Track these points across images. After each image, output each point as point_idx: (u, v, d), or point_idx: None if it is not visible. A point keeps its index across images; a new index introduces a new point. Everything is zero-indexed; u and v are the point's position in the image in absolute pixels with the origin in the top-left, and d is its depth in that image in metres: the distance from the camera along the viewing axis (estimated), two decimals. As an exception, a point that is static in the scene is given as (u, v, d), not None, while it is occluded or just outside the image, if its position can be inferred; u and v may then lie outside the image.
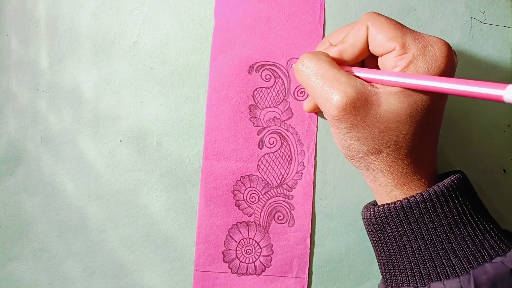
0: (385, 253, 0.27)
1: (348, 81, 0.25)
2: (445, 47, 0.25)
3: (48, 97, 0.34)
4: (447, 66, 0.25)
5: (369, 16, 0.27)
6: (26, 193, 0.34)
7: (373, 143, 0.26)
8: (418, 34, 0.26)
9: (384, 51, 0.26)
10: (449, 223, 0.25)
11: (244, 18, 0.34)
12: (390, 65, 0.26)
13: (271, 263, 0.34)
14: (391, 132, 0.25)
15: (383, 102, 0.25)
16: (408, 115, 0.25)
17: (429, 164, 0.27)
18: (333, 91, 0.25)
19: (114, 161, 0.34)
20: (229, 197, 0.34)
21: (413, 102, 0.25)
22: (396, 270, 0.26)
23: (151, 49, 0.34)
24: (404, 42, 0.25)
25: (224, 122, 0.34)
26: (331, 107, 0.25)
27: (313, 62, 0.27)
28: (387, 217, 0.26)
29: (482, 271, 0.23)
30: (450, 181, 0.25)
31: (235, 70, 0.34)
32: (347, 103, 0.25)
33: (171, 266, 0.34)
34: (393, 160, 0.26)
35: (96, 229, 0.34)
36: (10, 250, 0.34)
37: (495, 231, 0.25)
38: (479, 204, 0.26)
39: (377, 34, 0.26)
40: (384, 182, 0.27)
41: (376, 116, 0.25)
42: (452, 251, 0.24)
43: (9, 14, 0.35)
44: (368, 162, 0.27)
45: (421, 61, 0.25)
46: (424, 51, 0.25)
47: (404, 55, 0.25)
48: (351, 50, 0.27)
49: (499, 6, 0.34)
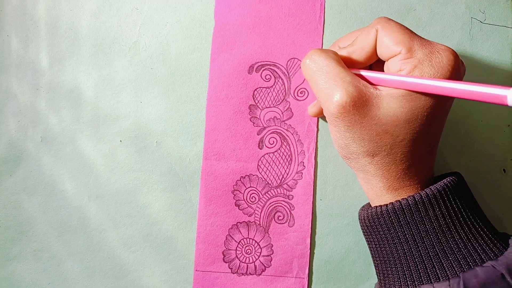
0: (379, 254, 0.27)
1: (352, 80, 0.25)
2: (452, 55, 0.25)
3: (48, 97, 0.34)
4: (453, 74, 0.24)
5: (380, 20, 0.27)
6: (26, 193, 0.34)
7: (369, 145, 0.26)
8: (426, 41, 0.25)
9: (390, 54, 0.26)
10: (440, 226, 0.25)
11: (244, 18, 0.34)
12: (395, 69, 0.26)
13: (271, 263, 0.34)
14: (388, 136, 0.25)
15: (384, 104, 0.25)
16: (407, 120, 0.25)
17: (424, 171, 0.27)
18: (336, 88, 0.25)
19: (114, 161, 0.34)
20: (229, 197, 0.34)
21: (414, 107, 0.25)
22: (389, 272, 0.26)
23: (151, 49, 0.34)
24: (411, 47, 0.25)
25: (224, 122, 0.34)
26: (331, 103, 0.25)
27: (321, 58, 0.27)
28: (379, 219, 0.26)
29: (473, 275, 0.23)
30: (443, 184, 0.25)
31: (235, 70, 0.34)
32: (347, 101, 0.25)
33: (171, 266, 0.34)
34: (387, 164, 0.26)
35: (96, 229, 0.34)
36: (10, 250, 0.34)
37: (489, 234, 0.25)
38: (474, 207, 0.26)
39: (385, 37, 0.26)
40: (376, 185, 0.27)
41: (375, 118, 0.25)
42: (443, 254, 0.24)
43: (9, 14, 0.35)
44: (362, 163, 0.27)
45: (427, 67, 0.24)
46: (431, 57, 0.25)
47: (410, 59, 0.25)
48: (359, 53, 0.28)
49: (499, 6, 0.34)
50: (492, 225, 0.26)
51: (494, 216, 0.34)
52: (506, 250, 0.24)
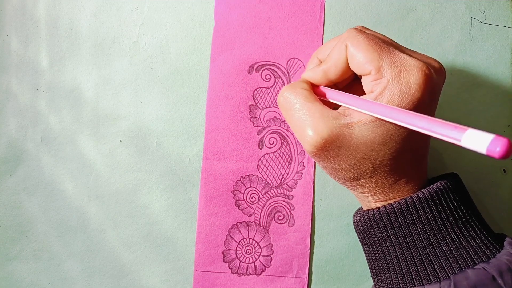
0: (372, 257, 0.27)
1: (321, 116, 0.25)
2: (421, 73, 0.23)
3: (48, 97, 0.34)
4: (423, 94, 0.23)
5: (349, 35, 0.26)
6: (26, 193, 0.34)
7: (350, 172, 0.26)
8: (397, 56, 0.24)
9: (362, 72, 0.25)
10: (432, 229, 0.25)
11: (244, 18, 0.34)
12: (367, 89, 0.25)
13: (271, 263, 0.34)
14: (366, 161, 0.25)
15: (356, 133, 0.24)
16: (381, 143, 0.24)
17: (416, 178, 0.26)
18: (306, 128, 0.25)
19: (114, 161, 0.34)
20: (229, 197, 0.34)
21: (385, 131, 0.24)
22: (382, 274, 0.27)
23: (151, 49, 0.34)
24: (380, 66, 0.24)
25: (224, 122, 0.34)
26: (305, 143, 0.26)
27: (292, 95, 0.27)
28: (371, 222, 0.26)
29: (463, 277, 0.23)
30: (436, 187, 0.25)
31: (235, 70, 0.34)
32: (317, 140, 0.25)
33: (171, 266, 0.34)
34: (373, 184, 0.26)
35: (96, 229, 0.34)
36: (10, 250, 0.34)
37: (482, 236, 0.25)
38: (469, 208, 0.26)
39: (356, 54, 0.25)
40: (366, 199, 0.27)
41: (349, 148, 0.25)
42: (434, 256, 0.24)
43: (9, 14, 0.35)
44: (350, 185, 0.27)
45: (395, 88, 0.24)
46: (399, 77, 0.24)
47: (380, 80, 0.24)
48: (334, 70, 0.27)
49: (499, 6, 0.34)
50: (488, 227, 0.26)
51: (493, 217, 0.34)
52: (499, 252, 0.24)
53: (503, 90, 0.34)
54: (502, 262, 0.23)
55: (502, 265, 0.23)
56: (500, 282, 0.22)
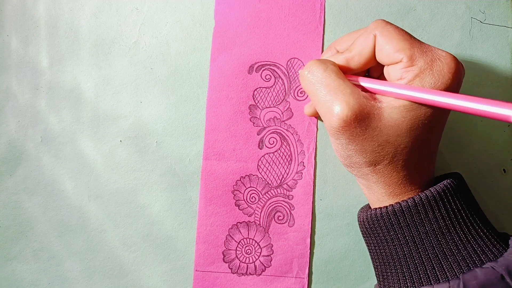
0: (378, 256, 0.27)
1: (352, 93, 0.25)
2: (453, 62, 0.24)
3: (48, 97, 0.34)
4: (454, 82, 0.24)
5: (378, 25, 0.26)
6: (26, 193, 0.34)
7: (371, 155, 0.26)
8: (427, 47, 0.25)
9: (391, 61, 0.25)
10: (440, 228, 0.25)
11: (244, 18, 0.34)
12: (395, 77, 0.25)
13: (271, 263, 0.34)
14: (389, 145, 0.25)
15: (385, 115, 0.25)
16: (408, 129, 0.25)
17: (425, 176, 0.27)
18: (336, 102, 0.25)
19: (114, 161, 0.34)
20: (229, 197, 0.34)
21: (415, 116, 0.24)
22: (389, 273, 0.26)
23: (151, 49, 0.34)
24: (412, 55, 0.24)
25: (224, 122, 0.34)
26: (332, 117, 0.25)
27: (320, 70, 0.26)
28: (379, 221, 0.26)
29: (472, 276, 0.23)
30: (443, 185, 0.25)
31: (235, 70, 0.34)
32: (348, 114, 0.25)
33: (171, 266, 0.34)
34: (389, 172, 0.26)
35: (96, 229, 0.34)
36: (10, 250, 0.34)
37: (488, 235, 0.25)
38: (474, 208, 0.26)
39: (385, 44, 0.25)
40: (378, 191, 0.27)
41: (376, 129, 0.25)
42: (443, 255, 0.24)
43: (9, 14, 0.35)
44: (364, 172, 0.27)
45: (428, 76, 0.24)
46: (432, 66, 0.24)
47: (411, 68, 0.25)
48: (357, 59, 0.27)
49: (499, 6, 0.34)
50: (492, 226, 0.26)
51: (494, 216, 0.34)
52: (506, 251, 0.24)
53: (503, 90, 0.34)
54: (510, 261, 0.23)
55: (510, 264, 0.23)
56: (509, 281, 0.22)
